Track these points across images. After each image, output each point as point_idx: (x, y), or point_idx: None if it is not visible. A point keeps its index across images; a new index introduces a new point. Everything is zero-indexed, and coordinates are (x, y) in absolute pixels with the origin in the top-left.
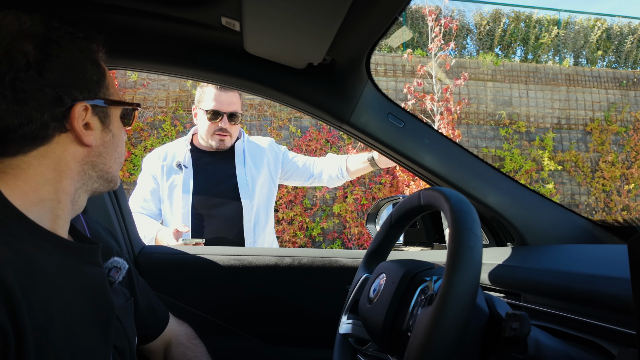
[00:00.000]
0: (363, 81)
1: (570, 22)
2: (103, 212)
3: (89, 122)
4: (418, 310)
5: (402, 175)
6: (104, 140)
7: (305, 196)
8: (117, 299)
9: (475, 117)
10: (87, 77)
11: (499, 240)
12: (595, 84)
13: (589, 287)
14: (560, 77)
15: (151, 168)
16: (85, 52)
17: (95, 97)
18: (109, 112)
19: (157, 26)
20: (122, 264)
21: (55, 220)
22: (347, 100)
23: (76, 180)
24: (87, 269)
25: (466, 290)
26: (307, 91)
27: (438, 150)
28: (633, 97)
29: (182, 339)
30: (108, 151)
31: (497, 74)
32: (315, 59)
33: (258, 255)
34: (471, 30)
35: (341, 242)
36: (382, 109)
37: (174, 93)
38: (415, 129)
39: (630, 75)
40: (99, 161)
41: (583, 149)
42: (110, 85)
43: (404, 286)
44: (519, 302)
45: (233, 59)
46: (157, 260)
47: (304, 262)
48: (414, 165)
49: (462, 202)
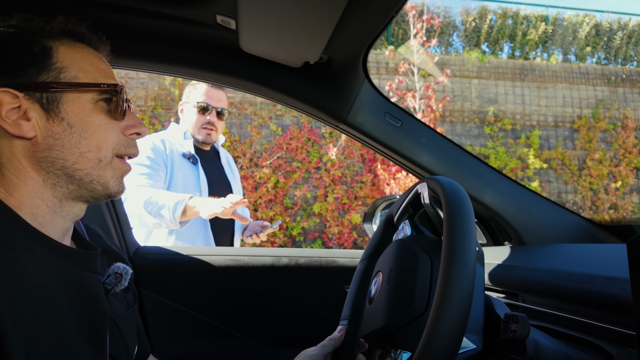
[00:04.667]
0: (360, 80)
1: (559, 19)
2: (96, 211)
3: (25, 109)
4: None
5: (382, 173)
6: (52, 131)
7: (286, 195)
8: (118, 307)
9: (460, 114)
10: (13, 59)
11: (497, 239)
12: (583, 80)
13: (587, 287)
14: (547, 74)
15: (157, 152)
16: (16, 32)
17: (31, 80)
18: (60, 98)
19: (152, 24)
20: (124, 270)
21: (41, 227)
22: (344, 99)
23: (42, 181)
24: (81, 275)
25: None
26: (303, 90)
27: (435, 149)
28: (622, 94)
29: None
30: (63, 143)
31: (482, 71)
32: (312, 57)
33: (254, 255)
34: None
35: (322, 241)
36: (379, 108)
37: (152, 91)
38: (412, 128)
39: (619, 71)
40: (53, 156)
41: (570, 146)
42: (72, 67)
43: None
44: (517, 302)
45: (229, 58)
46: (152, 261)
47: (300, 262)
48: (411, 165)
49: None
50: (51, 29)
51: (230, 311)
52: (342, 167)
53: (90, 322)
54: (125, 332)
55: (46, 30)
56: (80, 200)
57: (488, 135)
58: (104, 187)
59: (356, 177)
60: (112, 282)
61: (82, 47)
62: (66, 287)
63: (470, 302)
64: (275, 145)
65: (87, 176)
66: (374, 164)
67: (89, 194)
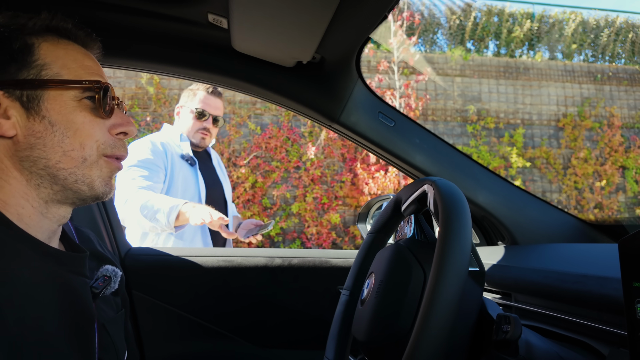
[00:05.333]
0: (353, 80)
1: (545, 16)
2: (87, 212)
3: (6, 108)
4: None
5: (362, 173)
6: (33, 130)
7: (265, 195)
8: (107, 310)
9: (442, 113)
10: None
11: (490, 239)
12: (569, 78)
13: (579, 287)
14: (532, 71)
15: (156, 153)
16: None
17: (10, 77)
18: (41, 96)
19: (142, 23)
20: (112, 273)
21: (27, 227)
22: (337, 99)
23: (26, 181)
24: (68, 278)
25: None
26: (296, 90)
27: (428, 150)
28: (608, 91)
29: None
30: (45, 142)
31: (466, 69)
32: (304, 57)
33: (247, 256)
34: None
35: (300, 242)
36: (373, 108)
37: (129, 90)
38: (405, 128)
39: (606, 69)
40: (35, 155)
41: (555, 145)
42: (55, 64)
43: None
44: (510, 302)
45: (221, 57)
46: (144, 262)
47: (294, 263)
48: (405, 165)
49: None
50: (33, 26)
51: (223, 313)
52: (322, 166)
53: (77, 326)
54: (114, 337)
55: (27, 27)
56: (66, 202)
57: (470, 134)
58: (89, 187)
59: (336, 176)
60: (100, 285)
61: (67, 44)
62: (52, 290)
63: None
64: (254, 144)
65: (71, 176)
66: (354, 163)
67: (74, 195)
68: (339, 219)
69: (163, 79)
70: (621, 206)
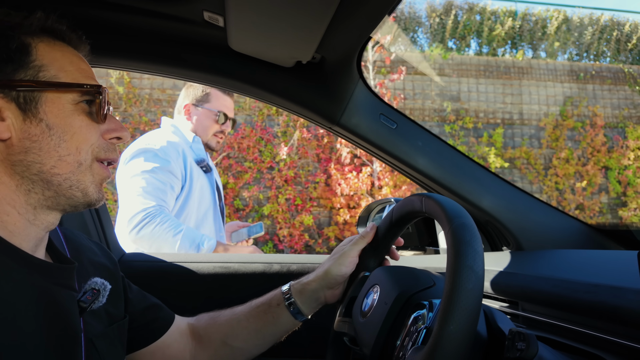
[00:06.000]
0: (354, 80)
1: (528, 14)
2: (77, 217)
3: (0, 109)
4: (409, 344)
5: (335, 174)
6: (29, 133)
7: (237, 196)
8: (95, 325)
9: (420, 113)
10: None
11: (494, 244)
12: (551, 77)
13: (592, 297)
14: (513, 70)
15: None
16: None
17: (6, 77)
18: (38, 98)
19: (136, 21)
20: (102, 286)
21: (12, 235)
22: (337, 100)
23: (15, 187)
24: (53, 292)
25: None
26: (295, 91)
27: (431, 153)
28: (591, 90)
29: (201, 315)
30: (40, 146)
31: (445, 68)
32: (304, 56)
33: (245, 262)
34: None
35: (273, 244)
36: (374, 109)
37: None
38: (408, 130)
39: (589, 68)
40: (29, 159)
41: (536, 145)
42: (52, 66)
43: (397, 309)
44: (517, 311)
45: (217, 57)
46: (137, 269)
47: (293, 269)
48: (407, 168)
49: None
50: (29, 25)
51: None
52: (296, 167)
53: (61, 344)
54: (103, 352)
55: (24, 26)
56: (56, 208)
57: (448, 134)
58: (83, 193)
59: (310, 177)
60: (88, 299)
61: (62, 46)
62: (34, 304)
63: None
64: (225, 144)
65: (65, 181)
66: (328, 163)
67: (67, 201)
68: (312, 220)
69: (134, 78)
70: (603, 207)
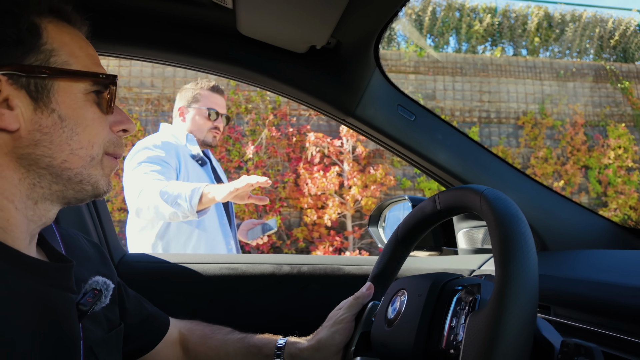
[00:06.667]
0: (370, 68)
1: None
2: (75, 214)
3: (8, 97)
4: (461, 321)
5: (304, 173)
6: (40, 124)
7: None
8: (95, 331)
9: None
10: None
11: None
12: (530, 74)
13: (637, 301)
14: (491, 67)
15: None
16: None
17: (15, 62)
18: (50, 86)
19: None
20: (103, 285)
21: (5, 231)
22: (353, 90)
23: (18, 181)
24: (49, 294)
25: (528, 278)
26: (308, 79)
27: (452, 147)
28: (572, 88)
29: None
30: (52, 139)
31: (420, 66)
32: (319, 41)
33: (253, 263)
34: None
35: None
36: (391, 100)
37: None
38: (427, 122)
39: (570, 65)
40: (39, 153)
41: (514, 144)
42: (62, 51)
43: (435, 298)
44: (549, 316)
45: (225, 42)
46: (139, 270)
47: (303, 271)
48: (426, 163)
49: (496, 191)
50: (37, 3)
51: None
52: (264, 166)
53: (57, 354)
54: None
55: (32, 4)
56: (60, 202)
57: None
58: (94, 187)
59: (279, 177)
60: (88, 301)
61: (70, 29)
62: (28, 309)
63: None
64: None
65: (77, 176)
66: (299, 163)
67: (74, 195)
68: (280, 221)
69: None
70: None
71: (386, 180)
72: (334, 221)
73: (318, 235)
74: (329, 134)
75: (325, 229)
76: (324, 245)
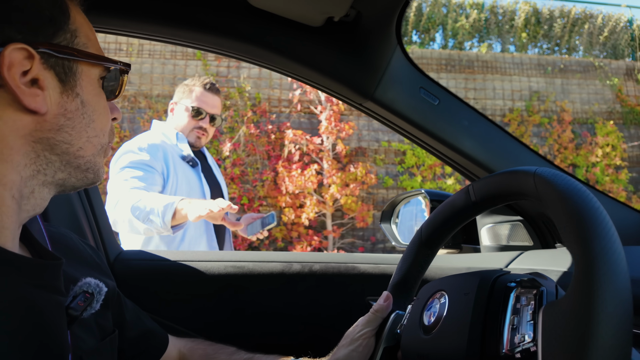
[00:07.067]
0: (392, 46)
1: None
2: (66, 208)
3: (39, 77)
4: (525, 319)
5: (282, 171)
6: (65, 108)
7: None
8: (86, 339)
9: None
10: (32, 9)
11: (545, 240)
12: (517, 71)
13: None
14: (476, 64)
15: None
16: None
17: (47, 40)
18: (76, 69)
19: None
20: (95, 288)
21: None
22: (372, 69)
23: (23, 166)
24: (34, 296)
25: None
26: (323, 57)
27: (479, 134)
28: (559, 85)
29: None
30: (74, 125)
31: None
32: (338, 11)
33: (260, 261)
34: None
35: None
36: (414, 82)
37: None
38: (451, 107)
39: (558, 61)
40: (59, 139)
41: None
42: (81, 32)
43: (485, 296)
44: None
45: (232, 15)
46: (137, 268)
47: (315, 269)
48: (450, 151)
49: (549, 169)
50: None
51: (231, 329)
52: (243, 164)
53: None
54: None
55: None
56: (57, 189)
57: None
58: (95, 175)
59: (256, 175)
60: (79, 306)
61: (78, 7)
62: (9, 314)
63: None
64: None
65: (86, 164)
66: (278, 161)
67: (75, 183)
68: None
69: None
70: None
71: (367, 179)
72: (313, 220)
73: (297, 235)
74: (310, 132)
75: (304, 229)
76: (302, 245)
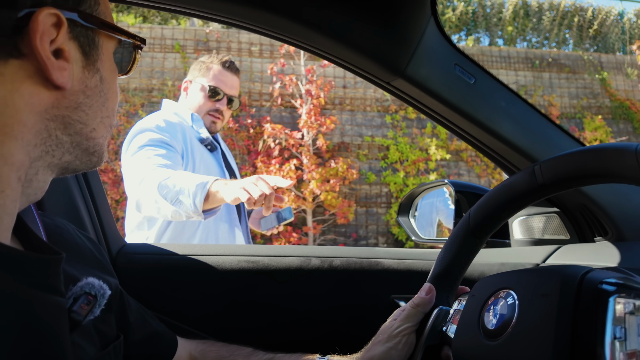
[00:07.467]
0: (426, 17)
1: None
2: (63, 195)
3: (63, 48)
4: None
5: (261, 166)
6: (86, 85)
7: None
8: (86, 347)
9: (362, 102)
10: None
11: (583, 234)
12: (504, 65)
13: None
14: None
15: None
16: None
17: (75, 8)
18: (98, 42)
19: None
20: (99, 290)
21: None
22: (405, 42)
23: (33, 146)
24: (31, 297)
25: None
26: (349, 28)
27: (517, 117)
28: (547, 79)
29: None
30: (91, 103)
31: None
32: None
33: (277, 255)
34: None
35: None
36: (448, 58)
37: None
38: (488, 87)
39: (546, 55)
40: (75, 118)
41: None
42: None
43: (572, 299)
44: None
45: None
46: (142, 262)
47: (336, 265)
48: (486, 136)
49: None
50: None
51: (244, 328)
52: None
53: None
54: None
55: None
56: (60, 172)
57: (390, 124)
58: (99, 158)
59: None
60: (82, 309)
61: None
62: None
63: None
64: None
65: (94, 146)
66: (258, 156)
67: (79, 165)
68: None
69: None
70: None
71: (348, 174)
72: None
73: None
74: (291, 126)
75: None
76: (280, 241)
